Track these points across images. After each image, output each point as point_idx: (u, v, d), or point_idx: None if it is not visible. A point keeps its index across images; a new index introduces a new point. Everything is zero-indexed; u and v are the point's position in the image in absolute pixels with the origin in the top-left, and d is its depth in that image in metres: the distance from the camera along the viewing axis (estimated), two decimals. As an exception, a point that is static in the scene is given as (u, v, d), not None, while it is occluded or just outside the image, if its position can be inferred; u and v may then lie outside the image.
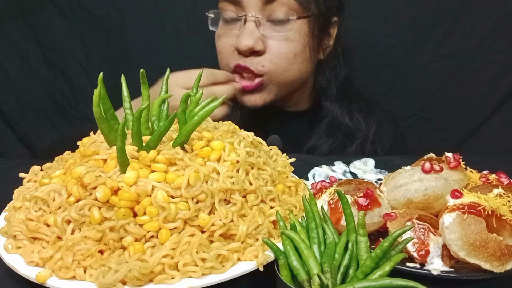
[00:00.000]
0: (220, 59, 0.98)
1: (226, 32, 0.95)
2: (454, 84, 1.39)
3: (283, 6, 0.91)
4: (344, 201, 0.53)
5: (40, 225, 0.54)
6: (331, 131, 1.06)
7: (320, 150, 1.05)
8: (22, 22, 1.41)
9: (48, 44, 1.43)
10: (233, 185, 0.55)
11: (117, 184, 0.51)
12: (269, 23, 0.92)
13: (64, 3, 1.38)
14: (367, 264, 0.46)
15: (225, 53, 0.96)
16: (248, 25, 0.91)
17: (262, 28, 0.92)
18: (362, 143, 1.06)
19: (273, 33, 0.92)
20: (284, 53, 0.93)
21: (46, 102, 1.47)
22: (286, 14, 0.91)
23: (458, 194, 0.57)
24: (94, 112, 0.55)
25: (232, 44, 0.94)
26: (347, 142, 1.06)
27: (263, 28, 0.92)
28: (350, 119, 1.07)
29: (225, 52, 0.96)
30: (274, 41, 0.92)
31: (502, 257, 0.51)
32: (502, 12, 1.33)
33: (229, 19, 0.94)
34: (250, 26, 0.90)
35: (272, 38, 0.92)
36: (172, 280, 0.49)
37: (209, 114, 0.58)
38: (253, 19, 0.90)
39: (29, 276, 0.50)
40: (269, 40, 0.92)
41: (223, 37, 0.96)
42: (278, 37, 0.92)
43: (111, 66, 1.40)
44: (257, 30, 0.91)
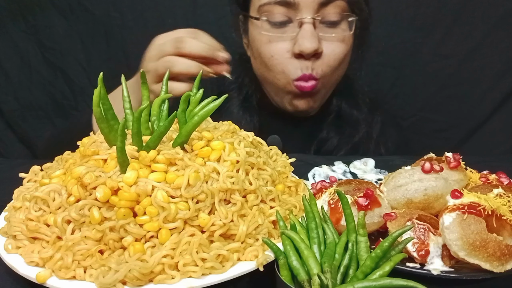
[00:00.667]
0: (272, 65, 0.94)
1: (277, 36, 0.92)
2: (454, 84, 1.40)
3: (337, 7, 0.90)
4: (344, 201, 0.53)
5: (40, 225, 0.54)
6: (339, 123, 1.07)
7: (330, 142, 1.05)
8: (22, 22, 1.41)
9: (48, 44, 1.43)
10: (233, 185, 0.55)
11: (117, 184, 0.51)
12: (322, 25, 0.91)
13: (64, 3, 1.38)
14: (367, 264, 0.46)
15: (279, 59, 0.93)
16: (306, 28, 0.89)
17: (317, 30, 0.91)
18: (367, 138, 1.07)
19: (327, 35, 0.91)
20: (338, 54, 0.93)
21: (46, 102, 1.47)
22: (340, 15, 0.91)
23: (458, 194, 0.57)
24: (94, 112, 0.55)
25: (287, 49, 0.91)
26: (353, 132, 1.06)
27: (318, 29, 0.91)
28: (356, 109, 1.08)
29: (279, 58, 0.93)
30: (328, 42, 0.92)
31: (502, 257, 0.51)
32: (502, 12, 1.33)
33: (279, 23, 0.92)
34: (309, 29, 0.89)
35: (326, 39, 0.91)
36: (172, 280, 0.49)
37: (209, 114, 0.58)
38: (311, 21, 0.89)
39: (29, 276, 0.50)
40: (324, 42, 0.91)
41: (274, 41, 0.93)
42: (332, 38, 0.92)
43: (111, 66, 1.40)
44: (315, 32, 0.90)
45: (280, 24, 0.91)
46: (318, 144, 1.06)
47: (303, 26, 0.89)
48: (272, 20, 0.92)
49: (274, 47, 0.93)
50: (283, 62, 0.93)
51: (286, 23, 0.91)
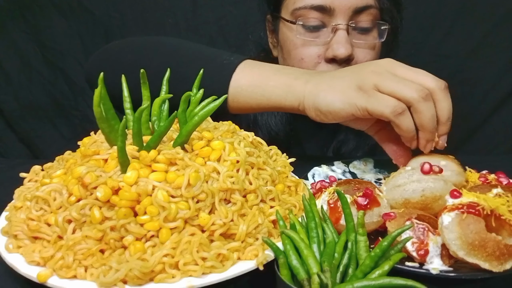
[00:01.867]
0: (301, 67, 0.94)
1: (310, 40, 0.93)
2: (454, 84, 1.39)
3: (370, 15, 0.91)
4: (344, 200, 0.54)
5: (41, 225, 0.54)
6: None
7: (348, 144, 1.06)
8: (22, 22, 1.41)
9: (48, 44, 1.43)
10: (233, 184, 0.55)
11: (118, 184, 0.52)
12: (354, 32, 0.92)
13: (64, 3, 1.38)
14: (367, 264, 0.46)
15: (310, 62, 0.93)
16: (340, 33, 0.89)
17: (350, 36, 0.91)
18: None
19: (358, 41, 0.92)
20: (369, 60, 0.93)
21: (46, 102, 1.48)
22: (372, 23, 0.92)
23: (457, 193, 0.57)
24: (95, 112, 0.55)
25: (318, 54, 0.92)
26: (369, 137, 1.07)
27: (351, 36, 0.91)
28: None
29: (310, 61, 0.93)
30: (360, 49, 0.92)
31: (501, 257, 0.51)
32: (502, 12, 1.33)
33: (312, 27, 0.92)
34: (343, 35, 0.89)
35: (358, 46, 0.92)
36: (172, 279, 0.49)
37: (209, 114, 0.59)
38: (345, 28, 0.89)
39: (30, 276, 0.50)
40: (355, 48, 0.92)
41: (307, 45, 0.93)
42: (364, 45, 0.92)
43: (111, 66, 1.40)
44: (349, 38, 0.90)
45: (313, 28, 0.92)
46: (337, 145, 1.07)
47: (338, 32, 0.89)
48: (307, 24, 0.92)
49: (306, 50, 0.93)
50: (313, 66, 0.93)
51: (320, 27, 0.92)
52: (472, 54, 1.36)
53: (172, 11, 1.39)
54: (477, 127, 1.42)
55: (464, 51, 1.36)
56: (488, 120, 1.41)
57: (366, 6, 0.90)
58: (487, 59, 1.36)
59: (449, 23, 1.35)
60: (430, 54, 1.38)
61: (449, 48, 1.37)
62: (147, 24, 1.40)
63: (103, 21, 1.40)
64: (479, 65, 1.37)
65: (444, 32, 1.36)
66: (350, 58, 0.91)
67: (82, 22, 1.41)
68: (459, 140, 1.43)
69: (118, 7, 1.38)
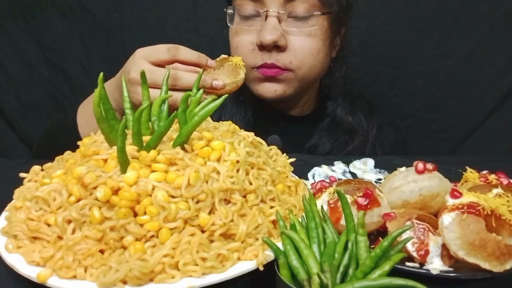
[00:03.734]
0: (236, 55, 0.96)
1: (245, 28, 0.95)
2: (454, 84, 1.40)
3: (305, 3, 0.91)
4: (344, 201, 0.54)
5: (41, 225, 0.54)
6: (333, 129, 1.06)
7: (322, 148, 1.05)
8: (22, 22, 1.41)
9: (48, 44, 1.43)
10: (233, 185, 0.55)
11: (118, 184, 0.52)
12: (290, 19, 0.92)
13: (64, 3, 1.38)
14: (367, 264, 0.46)
15: (243, 50, 0.95)
16: (270, 20, 0.91)
17: (284, 24, 0.92)
18: (362, 143, 1.06)
19: (296, 29, 0.92)
20: (309, 49, 0.94)
21: (47, 102, 1.47)
22: (308, 10, 0.92)
23: (457, 194, 0.57)
24: (95, 112, 0.55)
25: (251, 41, 0.94)
26: (348, 140, 1.06)
27: (285, 24, 0.92)
28: (353, 117, 1.08)
29: (243, 49, 0.95)
30: (297, 37, 0.93)
31: (501, 257, 0.51)
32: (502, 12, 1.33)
33: (247, 16, 0.94)
34: (272, 21, 0.91)
35: (294, 34, 0.92)
36: (172, 280, 0.49)
37: (209, 114, 0.59)
38: (275, 15, 0.91)
39: (30, 276, 0.50)
40: (291, 36, 0.92)
41: (241, 33, 0.96)
42: (301, 33, 0.93)
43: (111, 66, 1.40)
44: (279, 26, 0.91)
45: (248, 17, 0.94)
46: (310, 147, 1.06)
47: (267, 19, 0.91)
48: (241, 13, 0.95)
49: (240, 38, 0.96)
50: (246, 53, 0.95)
51: (254, 16, 0.94)
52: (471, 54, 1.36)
53: (172, 11, 1.39)
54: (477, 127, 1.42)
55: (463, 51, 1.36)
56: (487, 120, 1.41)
57: None
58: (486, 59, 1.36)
59: (448, 23, 1.35)
60: (429, 54, 1.38)
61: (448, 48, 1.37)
62: (147, 24, 1.40)
63: (103, 21, 1.40)
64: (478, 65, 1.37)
65: (443, 32, 1.36)
66: (280, 45, 0.91)
67: (82, 22, 1.41)
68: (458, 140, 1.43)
69: (118, 7, 1.38)
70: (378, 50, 1.37)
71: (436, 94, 1.41)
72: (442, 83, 1.40)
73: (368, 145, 1.07)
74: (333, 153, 1.05)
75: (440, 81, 1.40)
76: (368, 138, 1.07)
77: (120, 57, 1.40)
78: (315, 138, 1.07)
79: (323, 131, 1.07)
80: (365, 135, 1.07)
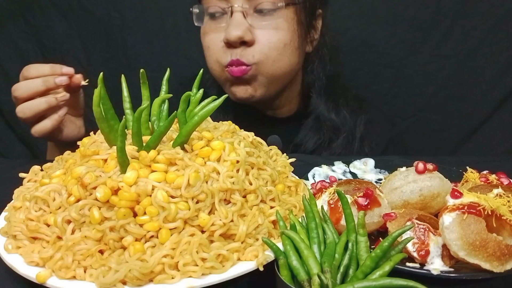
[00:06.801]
0: (208, 55, 0.97)
1: (213, 27, 0.94)
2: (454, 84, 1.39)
3: None
4: (344, 201, 0.54)
5: (40, 225, 0.54)
6: (317, 127, 1.05)
7: (306, 146, 1.04)
8: (22, 22, 1.41)
9: (48, 44, 1.43)
10: (233, 185, 0.55)
11: (117, 184, 0.51)
12: (256, 14, 0.91)
13: (64, 3, 1.38)
14: (367, 264, 0.46)
15: (214, 49, 0.95)
16: (235, 16, 0.90)
17: (250, 19, 0.91)
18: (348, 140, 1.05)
19: (261, 23, 0.91)
20: (274, 43, 0.92)
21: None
22: (273, 3, 0.91)
23: (458, 194, 0.57)
24: (94, 112, 0.55)
25: (220, 39, 0.93)
26: (333, 137, 1.05)
27: (250, 18, 0.91)
28: (337, 114, 1.06)
29: (214, 48, 0.95)
30: (262, 30, 0.91)
31: (502, 257, 0.51)
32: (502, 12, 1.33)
33: (215, 14, 0.93)
34: (237, 17, 0.90)
35: (260, 28, 0.91)
36: (172, 280, 0.49)
37: (209, 114, 0.58)
38: (240, 10, 0.90)
39: (29, 276, 0.50)
40: (258, 30, 0.91)
41: (210, 32, 0.95)
42: (267, 26, 0.92)
43: (111, 66, 1.40)
44: (245, 21, 0.90)
45: (216, 15, 0.94)
46: (295, 147, 1.05)
47: (233, 15, 0.90)
48: (209, 11, 0.94)
49: (210, 37, 0.95)
50: (217, 51, 0.94)
51: (221, 14, 0.93)
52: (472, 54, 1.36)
53: (172, 11, 1.39)
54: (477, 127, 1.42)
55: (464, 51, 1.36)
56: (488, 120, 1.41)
57: None
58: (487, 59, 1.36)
59: (449, 23, 1.35)
60: (429, 54, 1.37)
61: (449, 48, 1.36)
62: (147, 24, 1.40)
63: (103, 21, 1.39)
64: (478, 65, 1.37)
65: (444, 32, 1.35)
66: (246, 40, 0.90)
67: (82, 22, 1.41)
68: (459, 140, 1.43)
69: (118, 7, 1.38)
70: (378, 50, 1.37)
71: (436, 94, 1.41)
72: (443, 83, 1.40)
73: (356, 142, 1.05)
74: (318, 151, 1.04)
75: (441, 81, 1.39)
76: (355, 135, 1.05)
77: (120, 57, 1.42)
78: (299, 136, 1.06)
79: (307, 129, 1.06)
80: (351, 132, 1.05)
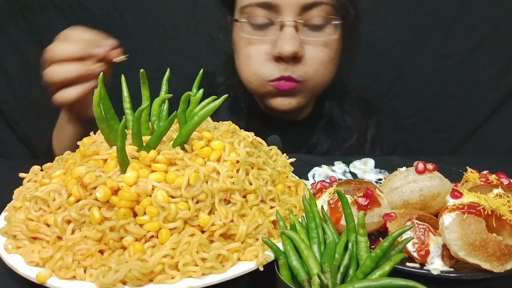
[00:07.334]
0: (246, 65, 0.94)
1: (256, 38, 0.91)
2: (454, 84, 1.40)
3: (322, 11, 0.89)
4: (344, 201, 0.54)
5: (40, 225, 0.54)
6: (331, 128, 1.06)
7: (320, 147, 1.05)
8: (22, 22, 1.41)
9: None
10: (233, 185, 0.55)
11: (117, 184, 0.51)
12: (305, 28, 0.89)
13: (64, 3, 1.38)
14: (367, 264, 0.46)
15: (256, 60, 0.92)
16: (287, 30, 0.87)
17: (300, 33, 0.89)
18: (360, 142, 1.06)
19: (311, 38, 0.90)
20: (322, 58, 0.91)
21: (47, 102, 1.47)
22: (324, 19, 0.89)
23: (458, 194, 0.57)
24: (94, 112, 0.55)
25: (266, 51, 0.90)
26: (347, 139, 1.05)
27: (300, 33, 0.89)
28: (350, 116, 1.06)
29: (256, 59, 0.92)
30: (311, 46, 0.90)
31: (502, 257, 0.51)
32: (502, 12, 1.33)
33: (260, 24, 0.90)
34: (290, 31, 0.87)
35: (310, 43, 0.90)
36: (172, 280, 0.49)
37: (209, 114, 0.58)
38: (292, 24, 0.87)
39: (29, 276, 0.50)
40: (307, 46, 0.90)
41: (254, 43, 0.92)
42: (316, 42, 0.90)
43: (111, 66, 1.40)
44: (297, 35, 0.88)
45: (261, 26, 0.90)
46: (308, 149, 1.05)
47: (284, 29, 0.87)
48: (253, 22, 0.90)
49: (252, 48, 0.92)
50: (259, 64, 0.91)
51: (268, 25, 0.90)
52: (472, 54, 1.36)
53: (172, 11, 1.39)
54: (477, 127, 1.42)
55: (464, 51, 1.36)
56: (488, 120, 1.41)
57: (316, 2, 0.87)
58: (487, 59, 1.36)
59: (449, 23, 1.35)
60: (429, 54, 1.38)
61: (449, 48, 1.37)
62: (147, 24, 1.40)
63: (103, 21, 1.39)
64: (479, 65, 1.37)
65: (444, 32, 1.35)
66: (298, 56, 0.89)
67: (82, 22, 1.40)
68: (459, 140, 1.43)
69: (118, 7, 1.38)
70: (378, 50, 1.37)
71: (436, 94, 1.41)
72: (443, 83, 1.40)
73: (367, 144, 1.06)
74: (332, 152, 1.04)
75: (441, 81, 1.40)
76: (366, 137, 1.06)
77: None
78: (313, 138, 1.06)
79: (321, 131, 1.06)
80: (363, 133, 1.06)
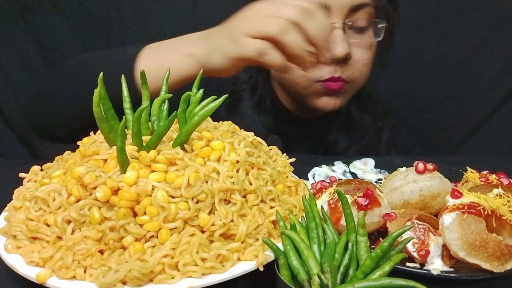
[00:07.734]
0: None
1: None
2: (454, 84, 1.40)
3: (366, 13, 0.90)
4: (344, 201, 0.54)
5: (40, 225, 0.54)
6: (348, 127, 1.07)
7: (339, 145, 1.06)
8: (22, 22, 1.41)
9: (48, 44, 1.43)
10: (233, 185, 0.55)
11: (117, 184, 0.51)
12: (351, 30, 0.91)
13: (64, 3, 1.38)
14: (367, 264, 0.46)
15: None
16: (337, 32, 0.88)
17: (346, 35, 0.90)
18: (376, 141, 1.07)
19: (355, 40, 0.91)
20: (366, 59, 0.93)
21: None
22: (368, 21, 0.91)
23: (458, 194, 0.57)
24: (94, 112, 0.55)
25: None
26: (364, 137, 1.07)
27: (346, 35, 0.90)
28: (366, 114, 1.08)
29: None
30: (356, 48, 0.91)
31: (502, 257, 0.51)
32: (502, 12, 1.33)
33: None
34: (340, 33, 0.88)
35: (354, 45, 0.91)
36: (172, 280, 0.49)
37: (209, 114, 0.58)
38: (341, 26, 0.88)
39: (29, 276, 0.50)
40: (353, 47, 0.91)
41: None
42: (360, 44, 0.92)
43: (111, 66, 1.40)
44: (345, 37, 0.89)
45: None
46: (327, 146, 1.07)
47: (334, 31, 0.88)
48: None
49: None
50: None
51: None
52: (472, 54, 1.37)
53: (172, 11, 1.39)
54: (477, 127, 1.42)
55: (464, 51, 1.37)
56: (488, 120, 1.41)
57: (362, 4, 0.89)
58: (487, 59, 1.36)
59: (449, 23, 1.35)
60: (429, 54, 1.38)
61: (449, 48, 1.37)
62: (147, 24, 1.40)
63: (103, 21, 1.40)
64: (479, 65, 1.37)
65: (444, 32, 1.36)
66: (348, 58, 0.90)
67: (82, 22, 1.41)
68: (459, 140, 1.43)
69: (118, 7, 1.38)
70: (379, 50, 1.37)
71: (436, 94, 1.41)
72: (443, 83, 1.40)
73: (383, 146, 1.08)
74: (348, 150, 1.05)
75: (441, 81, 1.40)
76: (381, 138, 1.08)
77: (120, 57, 1.41)
78: (332, 136, 1.07)
79: (339, 129, 1.07)
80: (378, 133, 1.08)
